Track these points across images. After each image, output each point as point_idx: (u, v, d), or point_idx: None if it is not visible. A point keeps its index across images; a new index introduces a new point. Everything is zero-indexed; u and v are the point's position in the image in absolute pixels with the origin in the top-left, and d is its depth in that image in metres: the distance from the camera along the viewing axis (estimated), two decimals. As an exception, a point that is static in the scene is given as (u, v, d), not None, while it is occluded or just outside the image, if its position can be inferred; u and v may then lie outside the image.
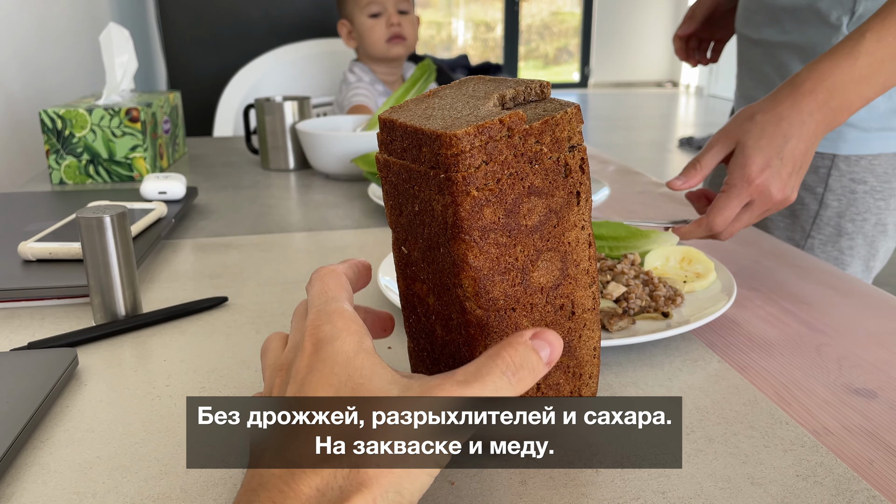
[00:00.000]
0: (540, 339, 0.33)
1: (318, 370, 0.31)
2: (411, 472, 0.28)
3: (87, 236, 0.58)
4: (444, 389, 0.30)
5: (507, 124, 0.34)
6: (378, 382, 0.31)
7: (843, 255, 0.95)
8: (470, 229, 0.36)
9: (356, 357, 0.32)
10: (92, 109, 1.09)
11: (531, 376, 0.32)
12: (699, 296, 0.61)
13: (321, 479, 0.28)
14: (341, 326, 0.33)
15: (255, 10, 2.20)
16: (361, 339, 0.33)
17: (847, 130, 0.88)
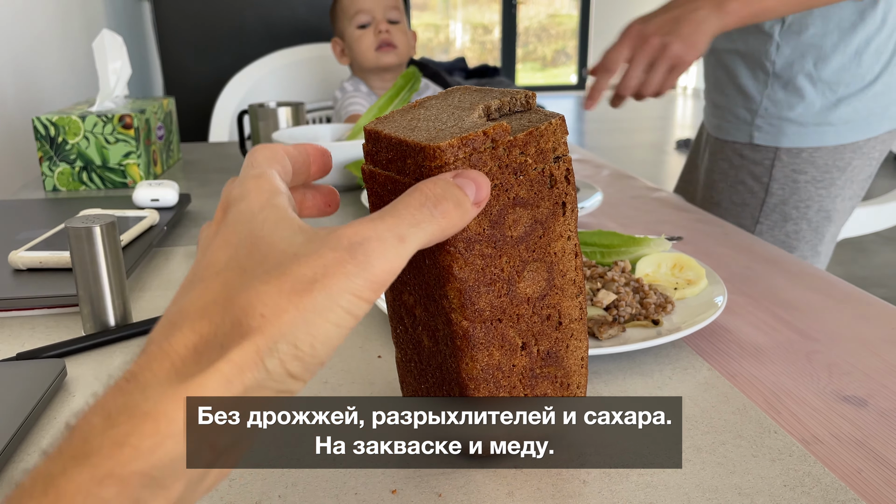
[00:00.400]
0: (462, 178, 0.31)
1: (221, 233, 0.28)
2: (309, 320, 0.24)
3: (76, 246, 0.57)
4: (352, 230, 0.26)
5: (490, 136, 0.34)
6: (281, 233, 0.27)
7: (790, 238, 1.03)
8: (455, 241, 0.35)
9: (261, 212, 0.28)
10: (85, 116, 1.09)
11: (457, 210, 0.30)
12: (690, 303, 0.61)
13: (198, 336, 0.24)
14: (251, 187, 0.30)
15: (250, 14, 2.20)
16: (272, 196, 0.29)
17: (787, 125, 0.97)
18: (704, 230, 0.88)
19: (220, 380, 0.23)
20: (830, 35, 0.92)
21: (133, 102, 1.23)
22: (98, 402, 0.23)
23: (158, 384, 0.23)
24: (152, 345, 0.25)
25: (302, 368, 0.25)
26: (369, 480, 0.41)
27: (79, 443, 0.22)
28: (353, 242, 0.26)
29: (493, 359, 0.39)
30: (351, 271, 0.25)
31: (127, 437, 0.22)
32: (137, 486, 0.21)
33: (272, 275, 0.25)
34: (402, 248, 0.27)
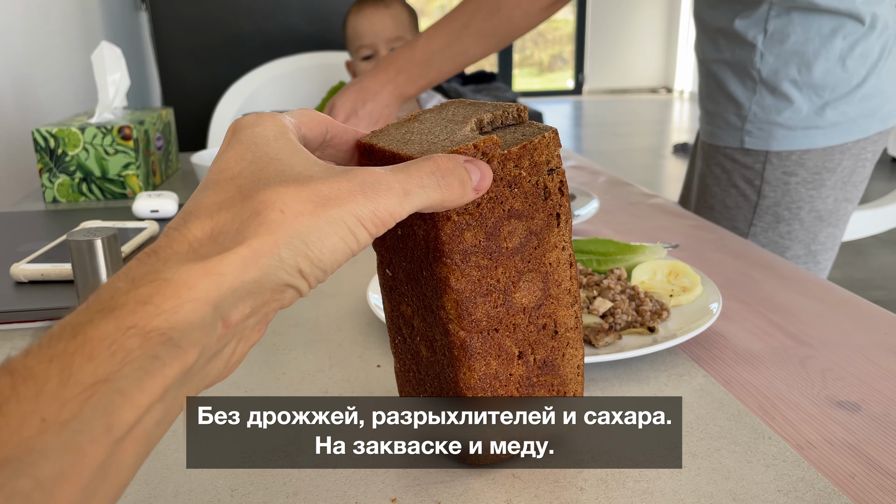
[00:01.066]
0: (472, 164, 0.33)
1: (234, 148, 0.30)
2: (321, 227, 0.27)
3: (77, 259, 0.58)
4: (367, 171, 0.29)
5: (481, 149, 0.35)
6: (298, 159, 0.29)
7: (783, 239, 1.06)
8: (451, 253, 0.36)
9: (276, 141, 0.30)
10: (84, 128, 1.09)
11: (460, 188, 0.32)
12: (685, 309, 0.62)
13: (215, 223, 0.27)
14: (265, 117, 0.32)
15: (248, 24, 2.21)
16: (286, 131, 0.31)
17: (776, 129, 1.01)
18: (700, 236, 0.89)
19: (238, 262, 0.25)
20: (811, 42, 0.96)
21: (132, 113, 1.24)
22: (121, 271, 0.25)
23: (178, 260, 0.25)
24: (170, 230, 0.27)
25: (309, 268, 0.27)
26: (369, 489, 0.41)
27: (105, 299, 0.24)
28: (366, 181, 0.29)
29: (490, 368, 0.39)
30: (360, 201, 0.28)
31: (150, 296, 0.24)
32: (157, 343, 0.23)
33: (292, 183, 0.28)
34: (405, 200, 0.30)
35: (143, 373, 0.23)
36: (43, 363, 0.22)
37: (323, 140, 0.36)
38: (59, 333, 0.23)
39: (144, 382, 0.23)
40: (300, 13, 2.23)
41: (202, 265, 0.25)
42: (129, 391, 0.23)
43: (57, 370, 0.22)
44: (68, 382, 0.22)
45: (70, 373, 0.22)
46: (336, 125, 0.37)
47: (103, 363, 0.22)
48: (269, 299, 0.27)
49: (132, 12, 2.55)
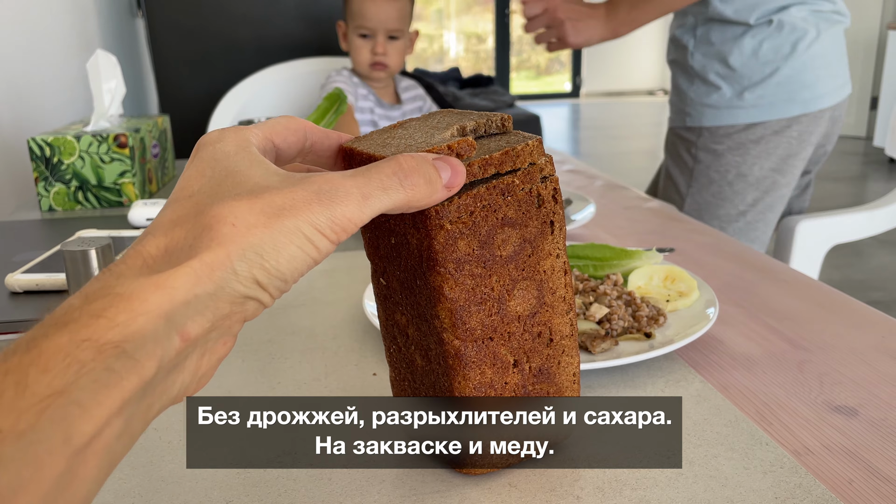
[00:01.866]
0: (442, 161, 0.33)
1: (195, 165, 0.31)
2: (275, 238, 0.27)
3: (72, 269, 0.58)
4: (323, 178, 0.29)
5: (455, 150, 0.35)
6: (256, 170, 0.30)
7: (715, 198, 1.30)
8: (445, 261, 0.36)
9: (236, 154, 0.31)
10: (80, 136, 1.09)
11: (426, 186, 0.32)
12: (682, 315, 0.62)
13: (169, 239, 0.27)
14: (228, 133, 0.32)
15: (244, 31, 2.21)
16: (247, 144, 0.32)
17: (707, 110, 1.29)
18: (696, 240, 0.89)
19: (189, 275, 0.25)
20: (727, 42, 1.24)
21: (128, 121, 1.24)
22: (77, 291, 0.26)
23: (131, 275, 0.26)
24: (130, 250, 0.27)
25: (267, 279, 0.27)
26: (365, 499, 0.41)
27: (59, 315, 0.24)
28: (322, 188, 0.29)
29: (485, 377, 0.39)
30: (316, 209, 0.28)
31: (103, 310, 0.24)
32: (111, 356, 0.23)
33: (245, 196, 0.28)
34: (364, 205, 0.29)
35: (100, 385, 0.23)
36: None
37: (302, 147, 0.36)
38: (14, 348, 0.23)
39: (101, 395, 0.23)
40: (296, 19, 2.23)
41: (154, 279, 0.25)
42: (86, 403, 0.23)
43: (12, 382, 0.22)
44: (24, 394, 0.22)
45: (25, 385, 0.22)
46: (316, 131, 0.37)
47: (58, 375, 0.22)
48: (230, 312, 0.27)
49: (128, 20, 2.55)
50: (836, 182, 4.52)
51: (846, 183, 4.53)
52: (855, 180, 4.63)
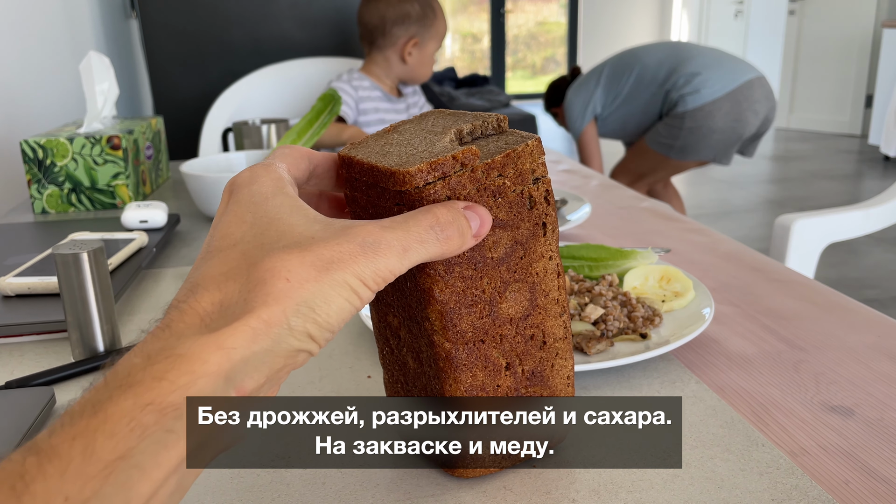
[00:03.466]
0: (472, 211, 0.34)
1: (233, 210, 0.31)
2: (325, 291, 0.28)
3: (63, 272, 0.57)
4: (366, 230, 0.29)
5: (460, 160, 0.34)
6: (297, 218, 0.30)
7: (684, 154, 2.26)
8: (434, 263, 0.36)
9: (274, 197, 0.31)
10: (73, 138, 1.09)
11: (459, 239, 0.32)
12: (678, 315, 0.61)
13: (223, 294, 0.27)
14: (260, 172, 0.32)
15: (238, 31, 2.21)
16: (282, 185, 0.32)
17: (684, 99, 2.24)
18: (692, 240, 0.89)
19: (247, 333, 0.26)
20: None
21: (121, 123, 1.23)
22: (137, 347, 0.26)
23: (190, 333, 0.26)
24: (180, 303, 0.28)
25: (318, 331, 0.28)
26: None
27: (123, 376, 0.25)
28: (367, 241, 0.29)
29: (476, 380, 0.39)
30: (361, 262, 0.29)
31: (165, 372, 0.25)
32: (172, 418, 0.24)
33: (294, 248, 0.28)
34: (404, 257, 0.30)
35: (160, 447, 0.24)
36: (66, 442, 0.23)
37: (310, 174, 0.37)
38: (80, 411, 0.24)
39: (161, 456, 0.24)
40: (291, 20, 2.22)
41: (213, 338, 0.26)
42: (145, 465, 0.24)
43: (80, 448, 0.23)
44: (91, 460, 0.23)
45: (93, 450, 0.23)
46: (317, 156, 0.37)
47: (123, 440, 0.23)
48: (284, 365, 0.28)
49: (122, 21, 2.54)
50: (831, 180, 4.53)
51: (841, 181, 4.53)
52: (850, 178, 4.64)
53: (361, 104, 1.72)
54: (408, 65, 1.78)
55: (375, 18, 1.74)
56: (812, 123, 6.37)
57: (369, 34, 1.76)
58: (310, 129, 1.05)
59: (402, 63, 1.77)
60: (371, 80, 1.75)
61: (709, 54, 2.31)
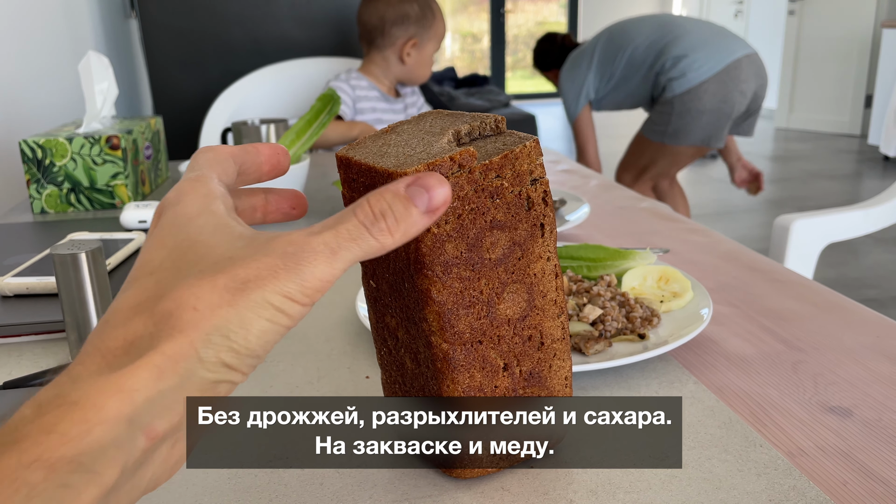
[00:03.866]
0: (416, 185, 0.30)
1: (156, 235, 0.29)
2: (242, 315, 0.25)
3: (61, 272, 0.57)
4: (288, 239, 0.27)
5: (457, 161, 0.34)
6: (219, 237, 0.28)
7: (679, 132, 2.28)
8: (432, 264, 0.36)
9: (198, 217, 0.29)
10: (72, 138, 1.09)
11: (399, 225, 0.29)
12: (676, 315, 0.61)
13: (129, 330, 0.25)
14: (186, 189, 0.30)
15: (238, 31, 2.20)
16: (209, 202, 0.29)
17: (671, 84, 2.25)
18: (691, 240, 0.89)
19: (151, 372, 0.24)
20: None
21: (120, 123, 1.23)
22: (32, 398, 0.24)
23: (89, 376, 0.24)
24: (88, 345, 0.26)
25: (237, 360, 0.26)
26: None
27: (8, 431, 0.23)
28: (287, 252, 0.27)
29: (474, 380, 0.39)
30: (282, 276, 0.26)
31: (55, 424, 0.22)
32: (65, 472, 0.22)
33: (206, 273, 0.26)
34: (334, 261, 0.27)
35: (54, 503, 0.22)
36: None
37: (238, 172, 0.35)
38: None
39: None
40: (290, 20, 2.22)
41: (111, 380, 0.23)
42: None
43: None
44: None
45: None
46: (240, 152, 0.35)
47: (7, 501, 0.21)
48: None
49: (121, 20, 2.54)
50: (830, 180, 4.53)
51: (841, 181, 4.53)
52: (850, 178, 4.64)
53: (358, 104, 1.72)
54: (406, 65, 1.78)
55: (374, 18, 1.74)
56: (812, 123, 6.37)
57: (368, 34, 1.76)
58: (308, 128, 1.05)
59: (400, 63, 1.77)
60: (369, 80, 1.76)
61: (697, 33, 2.27)
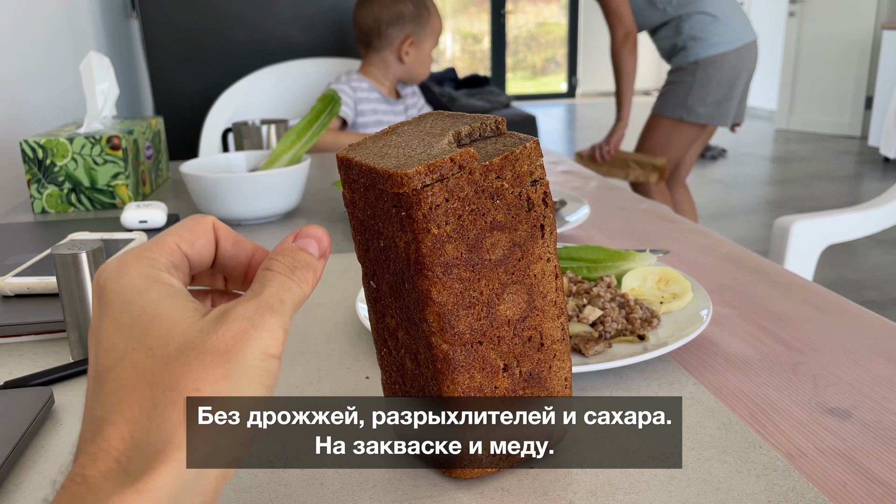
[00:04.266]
0: (303, 238, 0.33)
1: (108, 314, 0.28)
2: (238, 384, 0.27)
3: (62, 272, 0.57)
4: (242, 306, 0.28)
5: (458, 162, 0.35)
6: (178, 312, 0.28)
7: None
8: (432, 265, 0.36)
9: (148, 290, 0.28)
10: (73, 138, 1.09)
11: (311, 273, 0.32)
12: (676, 316, 0.61)
13: (132, 426, 0.25)
14: (129, 261, 0.29)
15: (239, 31, 2.21)
16: (154, 272, 0.29)
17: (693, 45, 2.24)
18: (691, 241, 0.89)
19: (173, 468, 0.24)
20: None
21: (121, 123, 1.23)
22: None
23: (108, 483, 0.24)
24: (88, 444, 0.25)
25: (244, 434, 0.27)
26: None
27: None
28: (248, 314, 0.28)
29: (474, 381, 0.39)
30: (255, 335, 0.27)
31: None
32: None
33: (190, 351, 0.26)
34: (283, 310, 0.29)
35: None
36: None
37: (214, 249, 0.33)
38: None
39: None
40: (291, 20, 2.22)
41: (135, 489, 0.23)
42: None
43: None
44: None
45: None
46: (226, 234, 0.34)
47: None
48: (219, 475, 0.26)
49: (123, 20, 2.54)
50: (830, 182, 4.53)
51: (841, 183, 4.53)
52: (850, 180, 4.64)
53: (360, 105, 1.72)
54: (405, 64, 1.78)
55: (370, 21, 1.74)
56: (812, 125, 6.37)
57: (365, 36, 1.76)
58: (309, 129, 1.05)
59: (399, 63, 1.77)
60: (369, 82, 1.76)
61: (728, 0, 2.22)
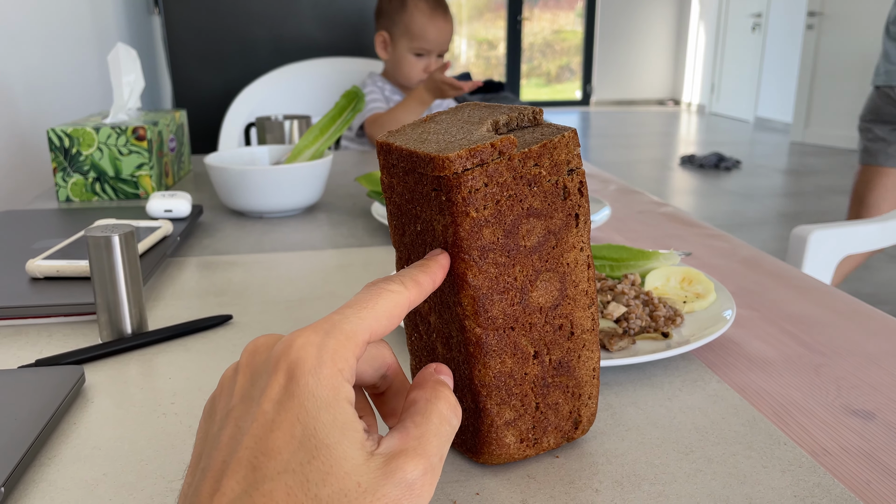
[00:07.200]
0: (442, 374, 0.34)
1: (286, 418, 0.27)
2: None
3: (95, 254, 0.58)
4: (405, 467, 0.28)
5: (498, 148, 0.35)
6: (345, 448, 0.27)
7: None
8: (469, 249, 0.36)
9: (328, 409, 0.28)
10: (99, 128, 1.10)
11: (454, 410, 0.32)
12: (699, 316, 0.62)
13: None
14: (325, 358, 0.28)
15: (259, 29, 2.23)
16: (341, 383, 0.28)
17: None
18: (712, 245, 0.89)
19: None
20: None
21: (146, 115, 1.25)
22: None
23: None
24: None
25: None
26: (384, 487, 0.41)
27: None
28: (407, 479, 0.28)
29: (505, 366, 0.39)
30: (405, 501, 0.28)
31: None
32: None
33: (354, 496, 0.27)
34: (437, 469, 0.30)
35: None
36: None
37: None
38: None
39: None
40: (312, 19, 2.24)
41: None
42: None
43: None
44: None
45: None
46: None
47: None
48: None
49: (145, 16, 2.57)
50: (844, 196, 4.51)
51: (856, 197, 4.51)
52: (865, 194, 4.61)
53: (389, 104, 1.72)
54: (387, 64, 1.74)
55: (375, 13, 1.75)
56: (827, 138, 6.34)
57: None
58: (332, 125, 1.06)
59: (389, 65, 1.74)
60: (391, 85, 1.76)
61: None
